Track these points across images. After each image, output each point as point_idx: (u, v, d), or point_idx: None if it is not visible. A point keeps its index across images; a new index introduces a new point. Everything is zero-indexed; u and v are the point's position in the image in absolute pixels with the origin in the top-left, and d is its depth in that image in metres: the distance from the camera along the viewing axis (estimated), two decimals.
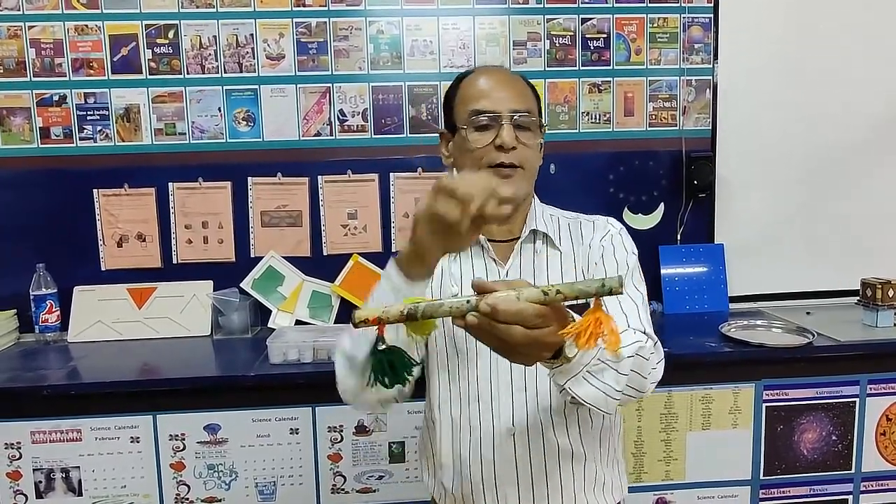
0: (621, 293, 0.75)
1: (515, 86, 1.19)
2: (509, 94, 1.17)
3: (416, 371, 0.90)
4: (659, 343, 1.06)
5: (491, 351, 1.01)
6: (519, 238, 1.22)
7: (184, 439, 1.80)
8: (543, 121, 1.23)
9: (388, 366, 0.83)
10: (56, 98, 2.16)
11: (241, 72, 2.19)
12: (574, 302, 0.77)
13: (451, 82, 1.26)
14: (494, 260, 1.21)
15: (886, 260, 2.29)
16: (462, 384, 1.19)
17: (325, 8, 2.18)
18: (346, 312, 2.20)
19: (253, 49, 2.18)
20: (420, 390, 1.33)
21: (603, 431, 1.22)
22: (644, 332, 1.05)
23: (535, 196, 1.27)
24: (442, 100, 2.19)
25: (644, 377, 0.99)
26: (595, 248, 1.21)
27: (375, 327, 0.81)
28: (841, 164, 2.36)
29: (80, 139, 2.17)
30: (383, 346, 0.83)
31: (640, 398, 1.03)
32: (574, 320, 0.80)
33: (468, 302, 0.76)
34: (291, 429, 1.82)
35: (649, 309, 1.15)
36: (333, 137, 2.23)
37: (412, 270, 0.97)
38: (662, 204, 2.33)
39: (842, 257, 2.36)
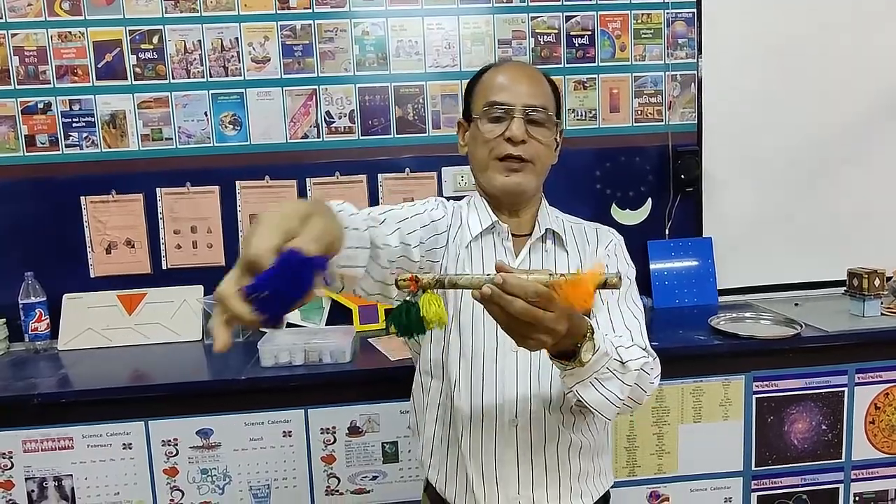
0: (618, 288, 0.85)
1: (533, 82, 1.20)
2: (526, 89, 1.18)
3: (427, 334, 0.98)
4: (658, 358, 1.16)
5: (497, 346, 1.16)
6: (532, 234, 1.25)
7: (176, 444, 1.79)
8: (561, 119, 1.25)
9: (405, 314, 0.92)
10: (41, 105, 2.15)
11: (227, 75, 2.18)
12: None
13: (472, 74, 1.28)
14: (507, 250, 1.24)
15: (872, 250, 2.32)
16: (466, 375, 1.20)
17: (310, 10, 2.18)
18: (337, 314, 2.20)
19: (238, 52, 2.18)
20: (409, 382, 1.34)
21: (600, 424, 1.26)
22: (644, 350, 1.13)
23: (544, 196, 1.29)
24: (429, 99, 2.22)
25: (643, 390, 1.10)
26: (601, 255, 1.26)
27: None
28: (826, 155, 2.38)
29: (66, 146, 2.16)
30: (411, 298, 0.93)
31: (635, 408, 1.13)
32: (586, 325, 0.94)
33: (487, 275, 0.87)
34: (284, 431, 1.82)
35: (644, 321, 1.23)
36: (321, 139, 2.23)
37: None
38: (650, 199, 2.34)
39: (829, 248, 2.38)
